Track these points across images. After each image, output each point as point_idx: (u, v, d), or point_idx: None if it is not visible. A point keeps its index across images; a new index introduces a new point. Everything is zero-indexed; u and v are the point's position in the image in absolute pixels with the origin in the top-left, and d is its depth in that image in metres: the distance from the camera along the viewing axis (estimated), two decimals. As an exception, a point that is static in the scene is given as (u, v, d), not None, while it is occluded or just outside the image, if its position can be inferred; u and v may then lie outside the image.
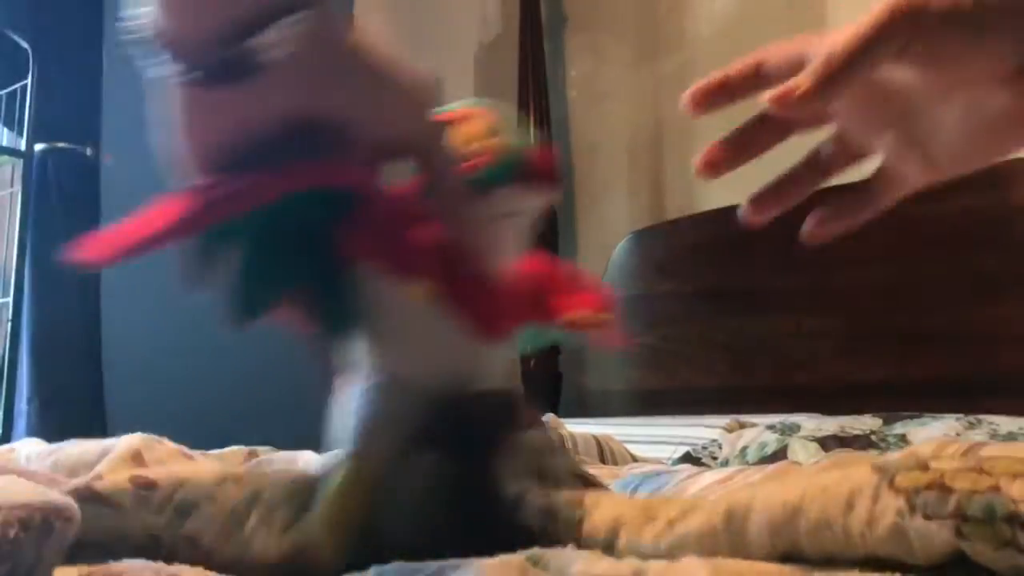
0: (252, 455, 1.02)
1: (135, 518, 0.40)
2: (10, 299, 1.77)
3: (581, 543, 0.36)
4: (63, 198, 1.78)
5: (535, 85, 1.97)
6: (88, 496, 0.39)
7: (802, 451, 1.11)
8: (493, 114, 0.49)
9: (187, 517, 0.40)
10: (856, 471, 0.30)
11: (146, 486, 0.41)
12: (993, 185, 1.34)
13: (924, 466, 0.29)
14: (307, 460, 0.92)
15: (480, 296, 0.46)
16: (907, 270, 1.42)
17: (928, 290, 1.40)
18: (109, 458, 0.51)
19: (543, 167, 0.49)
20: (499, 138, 0.48)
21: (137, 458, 0.50)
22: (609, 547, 0.35)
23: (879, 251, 1.40)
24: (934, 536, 0.27)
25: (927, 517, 0.27)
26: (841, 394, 1.36)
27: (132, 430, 0.99)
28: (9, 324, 1.77)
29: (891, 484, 0.29)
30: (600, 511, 0.36)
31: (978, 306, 1.35)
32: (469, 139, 0.46)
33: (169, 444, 0.55)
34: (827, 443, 1.11)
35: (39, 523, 0.35)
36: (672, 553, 0.32)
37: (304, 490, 0.43)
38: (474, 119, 0.48)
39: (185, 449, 0.57)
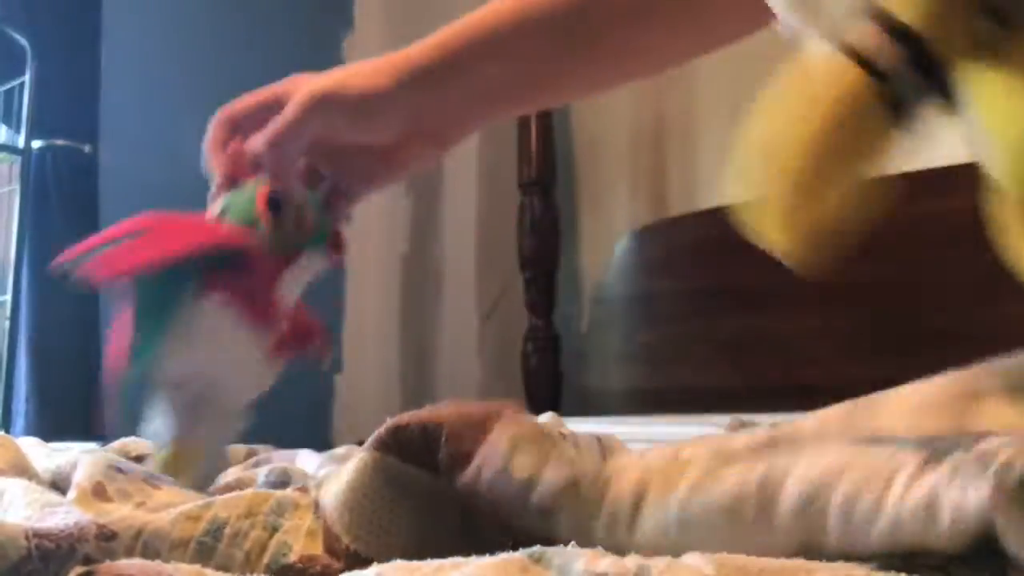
0: (251, 453, 1.02)
1: None
2: (8, 297, 1.77)
3: (606, 510, 0.35)
4: (61, 195, 1.78)
5: (536, 83, 1.96)
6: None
7: (804, 450, 1.11)
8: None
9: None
10: (903, 451, 0.30)
11: (108, 537, 0.41)
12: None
13: (969, 447, 0.29)
14: (305, 458, 0.92)
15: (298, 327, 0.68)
16: (909, 269, 1.42)
17: (930, 288, 1.40)
18: (73, 488, 0.51)
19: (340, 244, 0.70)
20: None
21: (99, 491, 0.50)
22: (635, 512, 0.35)
23: (881, 249, 1.39)
24: (968, 501, 0.27)
25: (964, 486, 0.27)
26: (843, 392, 1.36)
27: (132, 430, 0.98)
28: (7, 322, 1.76)
29: (935, 466, 0.29)
30: (625, 474, 0.36)
31: (980, 304, 1.35)
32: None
33: (133, 472, 0.54)
34: (829, 442, 1.11)
35: (65, 550, 0.35)
36: (694, 522, 0.32)
37: (263, 504, 0.43)
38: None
39: (152, 475, 0.56)
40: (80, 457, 0.54)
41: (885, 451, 0.31)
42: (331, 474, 0.46)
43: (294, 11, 2.36)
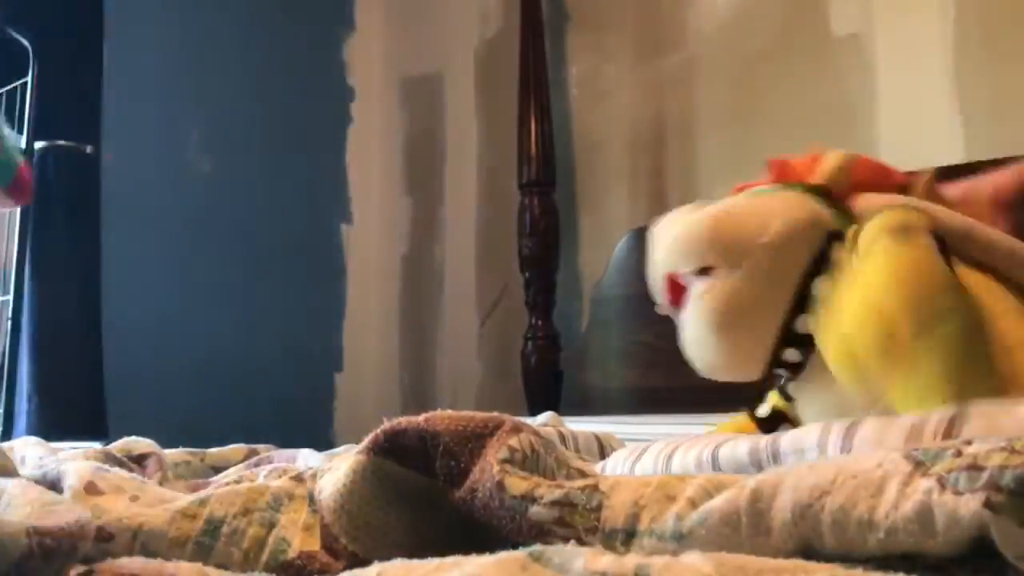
0: (252, 452, 1.02)
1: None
2: (10, 297, 1.77)
3: (601, 531, 0.35)
4: (63, 196, 1.78)
5: (536, 83, 1.96)
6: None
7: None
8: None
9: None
10: (890, 460, 0.30)
11: (106, 538, 0.41)
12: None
13: (958, 452, 0.29)
14: (305, 458, 0.92)
15: None
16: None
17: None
18: (67, 490, 0.51)
19: (24, 184, 0.58)
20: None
21: (91, 488, 0.50)
22: (631, 533, 0.35)
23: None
24: (961, 510, 0.27)
25: (957, 493, 0.27)
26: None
27: (132, 430, 0.99)
28: (9, 322, 1.76)
29: (925, 473, 0.29)
30: (618, 494, 0.36)
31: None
32: None
33: (117, 473, 0.54)
34: (828, 441, 1.11)
35: (67, 548, 0.36)
36: (692, 535, 0.32)
37: (258, 499, 0.43)
38: None
39: (140, 477, 0.56)
40: (65, 466, 0.54)
41: (873, 460, 0.31)
42: (326, 468, 0.45)
43: (294, 11, 2.36)
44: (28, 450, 0.76)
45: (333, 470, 0.44)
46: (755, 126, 1.72)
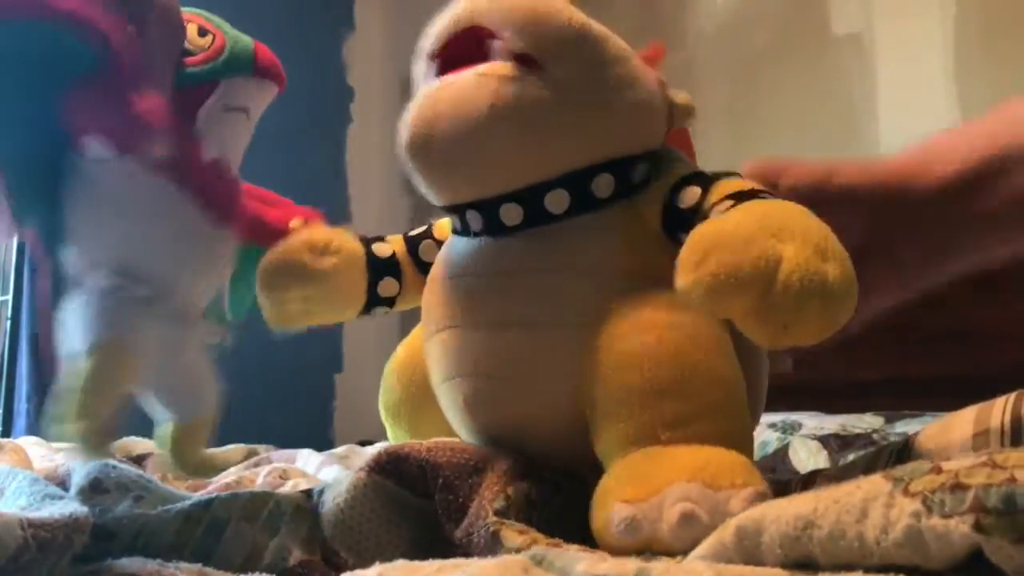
0: (252, 453, 1.02)
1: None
2: (9, 297, 1.77)
3: None
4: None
5: (535, 83, 1.96)
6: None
7: (803, 449, 1.11)
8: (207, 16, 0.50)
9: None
10: (868, 480, 0.30)
11: (108, 537, 0.41)
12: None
13: (937, 469, 0.28)
14: (305, 458, 0.92)
15: (216, 182, 0.48)
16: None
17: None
18: (73, 487, 0.51)
19: (268, 62, 0.53)
20: (221, 33, 0.49)
21: (96, 485, 0.49)
22: None
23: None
24: (952, 534, 0.26)
25: (945, 516, 0.27)
26: (843, 392, 1.36)
27: (132, 430, 0.99)
28: (8, 322, 1.76)
29: (905, 490, 0.28)
30: (607, 563, 0.36)
31: (980, 304, 1.35)
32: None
33: (125, 470, 0.55)
34: (828, 442, 1.11)
35: (61, 541, 0.35)
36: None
37: (263, 507, 0.43)
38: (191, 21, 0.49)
39: (145, 475, 0.56)
40: (73, 464, 0.54)
41: (850, 483, 0.30)
42: (329, 484, 0.46)
43: (294, 11, 2.36)
44: (29, 450, 0.76)
45: (335, 483, 0.44)
46: (755, 126, 1.72)
